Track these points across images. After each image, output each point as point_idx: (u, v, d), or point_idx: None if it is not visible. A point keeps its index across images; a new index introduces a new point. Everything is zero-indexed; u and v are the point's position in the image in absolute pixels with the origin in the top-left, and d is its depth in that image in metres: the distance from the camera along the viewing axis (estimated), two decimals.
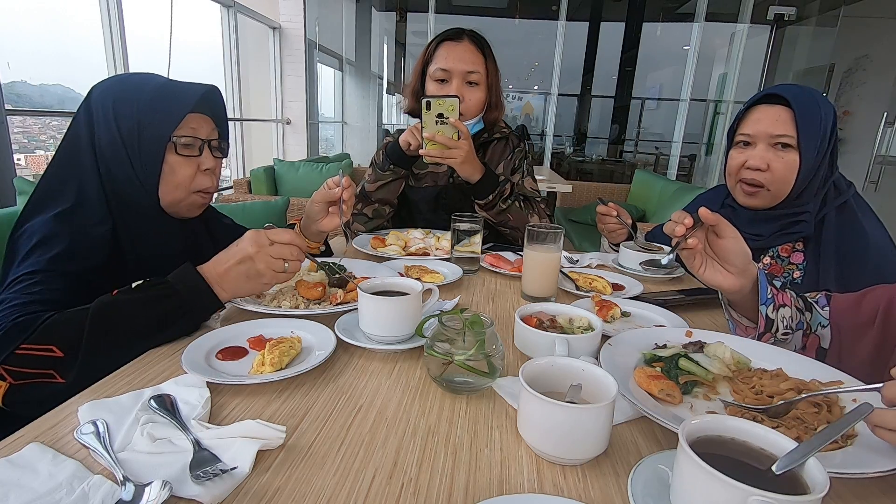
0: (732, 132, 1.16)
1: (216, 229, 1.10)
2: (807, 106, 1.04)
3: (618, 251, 1.45)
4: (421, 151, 1.26)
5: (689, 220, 0.74)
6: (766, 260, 1.15)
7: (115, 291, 0.73)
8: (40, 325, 0.68)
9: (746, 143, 1.12)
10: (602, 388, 0.58)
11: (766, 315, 0.78)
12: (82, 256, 0.81)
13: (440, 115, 1.23)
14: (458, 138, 1.25)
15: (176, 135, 0.88)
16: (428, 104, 1.22)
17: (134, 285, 0.74)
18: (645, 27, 7.36)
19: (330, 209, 1.10)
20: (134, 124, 0.85)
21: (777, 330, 0.79)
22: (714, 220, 0.74)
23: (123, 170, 0.86)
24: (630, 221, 1.36)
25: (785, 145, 1.06)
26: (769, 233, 1.13)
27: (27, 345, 0.67)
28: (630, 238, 1.40)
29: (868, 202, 1.13)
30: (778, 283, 0.82)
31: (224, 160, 1.00)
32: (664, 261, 0.80)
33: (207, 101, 0.93)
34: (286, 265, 0.81)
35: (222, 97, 0.98)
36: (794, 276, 1.11)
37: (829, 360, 0.81)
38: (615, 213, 1.35)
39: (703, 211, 0.74)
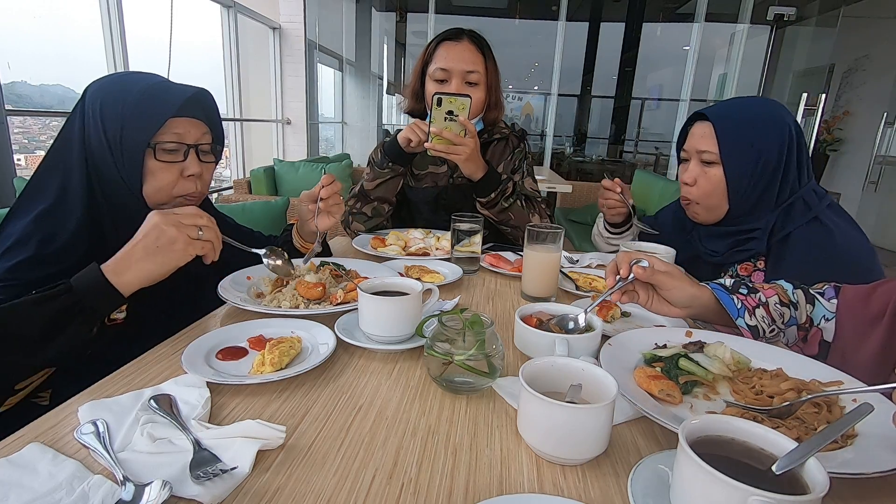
0: (679, 149, 1.19)
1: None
2: (730, 123, 1.05)
3: (613, 233, 1.43)
4: (426, 145, 1.26)
5: (624, 271, 0.80)
6: (726, 279, 1.14)
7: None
8: None
9: (685, 160, 1.15)
10: (602, 388, 0.58)
11: (747, 325, 0.79)
12: (51, 261, 0.79)
13: (450, 113, 1.24)
14: (465, 136, 1.25)
15: (157, 140, 0.86)
16: (439, 100, 1.23)
17: (33, 291, 0.71)
18: (645, 27, 7.37)
19: (309, 206, 1.10)
20: (117, 127, 0.84)
21: (763, 332, 0.80)
22: (646, 277, 0.79)
23: (109, 170, 0.86)
24: (632, 202, 1.34)
25: (708, 161, 1.08)
26: (723, 249, 1.13)
27: None
28: (629, 219, 1.39)
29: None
30: (744, 291, 0.82)
31: (223, 160, 0.99)
32: (581, 321, 0.80)
33: (198, 104, 0.92)
34: (200, 232, 0.79)
35: (214, 100, 0.96)
36: None
37: (833, 354, 0.81)
38: (619, 190, 1.32)
39: (636, 269, 0.79)
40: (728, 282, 0.84)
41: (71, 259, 0.82)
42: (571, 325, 0.81)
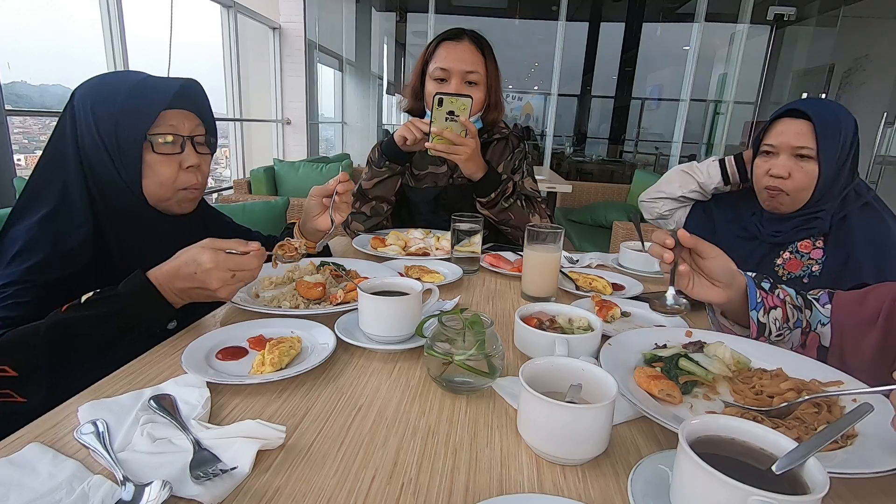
0: (758, 142, 1.23)
1: (215, 229, 1.09)
2: (826, 120, 1.12)
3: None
4: (427, 144, 1.27)
5: (670, 241, 0.76)
6: (786, 255, 1.22)
7: (65, 308, 0.71)
8: None
9: (770, 153, 1.19)
10: (602, 388, 0.58)
11: (758, 320, 0.79)
12: (63, 264, 0.80)
13: (451, 113, 1.24)
14: (465, 136, 1.25)
15: (153, 133, 0.85)
16: (440, 101, 1.23)
17: (83, 299, 0.72)
18: (645, 27, 7.36)
19: (324, 201, 1.09)
20: (112, 125, 0.83)
21: (770, 333, 0.79)
22: (692, 242, 0.76)
23: (106, 171, 0.85)
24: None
25: (805, 156, 1.14)
26: (788, 229, 1.21)
27: None
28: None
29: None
30: (766, 285, 0.82)
31: (223, 160, 0.98)
32: (670, 300, 0.77)
33: (187, 95, 0.91)
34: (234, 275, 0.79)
35: (203, 90, 0.94)
36: (814, 269, 1.18)
37: (831, 358, 0.81)
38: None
39: (681, 233, 0.76)
40: (753, 274, 0.83)
41: (81, 260, 0.82)
42: (671, 300, 0.77)
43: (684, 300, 0.77)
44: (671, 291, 0.78)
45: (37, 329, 0.69)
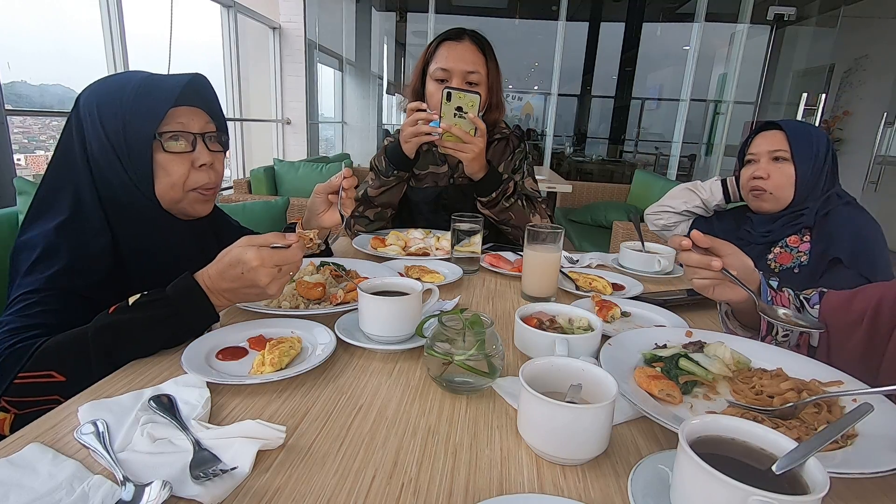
0: (742, 156, 1.41)
1: (223, 231, 1.07)
2: (797, 129, 1.31)
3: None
4: (437, 141, 1.27)
5: (686, 242, 0.76)
6: (777, 250, 1.35)
7: (113, 309, 0.71)
8: (36, 351, 0.66)
9: (752, 161, 1.36)
10: (602, 388, 0.58)
11: (768, 318, 0.79)
12: (83, 273, 0.79)
13: (459, 109, 1.24)
14: (475, 134, 1.26)
15: (162, 131, 0.83)
16: (448, 95, 1.23)
17: (131, 301, 0.71)
18: (645, 27, 7.37)
19: (329, 197, 1.08)
20: (119, 125, 0.81)
21: (777, 332, 0.79)
22: (707, 242, 0.77)
23: (116, 174, 0.83)
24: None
25: (781, 158, 1.31)
26: (777, 227, 1.35)
27: (25, 373, 0.65)
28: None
29: (865, 206, 1.34)
30: (774, 284, 0.82)
31: (225, 158, 0.96)
32: (783, 312, 0.75)
33: (195, 92, 0.88)
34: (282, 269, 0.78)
35: (211, 86, 0.92)
36: (802, 260, 1.31)
37: (819, 358, 0.82)
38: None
39: (695, 234, 0.76)
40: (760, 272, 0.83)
41: (102, 269, 0.82)
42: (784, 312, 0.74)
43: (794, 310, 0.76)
44: (780, 308, 0.74)
45: (84, 332, 0.68)
